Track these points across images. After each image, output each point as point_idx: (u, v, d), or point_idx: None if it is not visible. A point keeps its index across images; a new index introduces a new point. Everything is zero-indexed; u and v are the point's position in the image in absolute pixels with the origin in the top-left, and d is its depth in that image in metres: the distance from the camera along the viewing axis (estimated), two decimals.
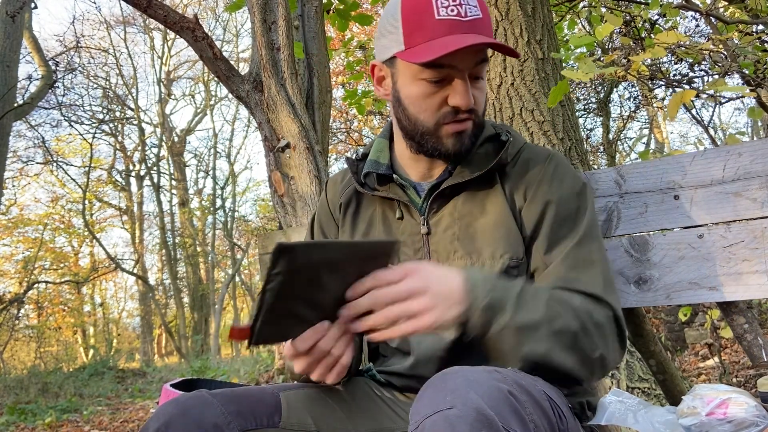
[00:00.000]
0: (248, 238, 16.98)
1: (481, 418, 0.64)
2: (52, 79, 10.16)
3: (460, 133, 0.99)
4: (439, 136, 0.99)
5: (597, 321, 0.91)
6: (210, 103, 18.50)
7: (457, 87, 0.95)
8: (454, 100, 0.96)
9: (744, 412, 0.88)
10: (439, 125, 0.99)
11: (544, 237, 0.99)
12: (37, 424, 5.55)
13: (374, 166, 1.09)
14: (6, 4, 8.23)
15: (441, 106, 0.97)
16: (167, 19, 2.23)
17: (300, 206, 2.16)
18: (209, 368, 8.34)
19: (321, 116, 2.49)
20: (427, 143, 1.01)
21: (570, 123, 2.24)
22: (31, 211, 17.13)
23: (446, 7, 0.93)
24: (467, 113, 0.97)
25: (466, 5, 0.93)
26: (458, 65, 0.94)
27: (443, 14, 0.93)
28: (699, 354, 4.31)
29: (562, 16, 3.94)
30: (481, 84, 1.00)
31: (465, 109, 0.96)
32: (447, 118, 0.98)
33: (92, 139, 16.06)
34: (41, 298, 16.93)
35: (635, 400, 1.03)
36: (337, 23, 3.50)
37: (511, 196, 1.03)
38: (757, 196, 1.13)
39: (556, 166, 1.04)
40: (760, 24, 2.51)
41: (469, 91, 0.95)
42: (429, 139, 1.00)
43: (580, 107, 7.43)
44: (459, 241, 1.02)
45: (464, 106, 0.96)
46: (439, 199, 1.05)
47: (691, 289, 1.18)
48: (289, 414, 0.94)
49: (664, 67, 2.79)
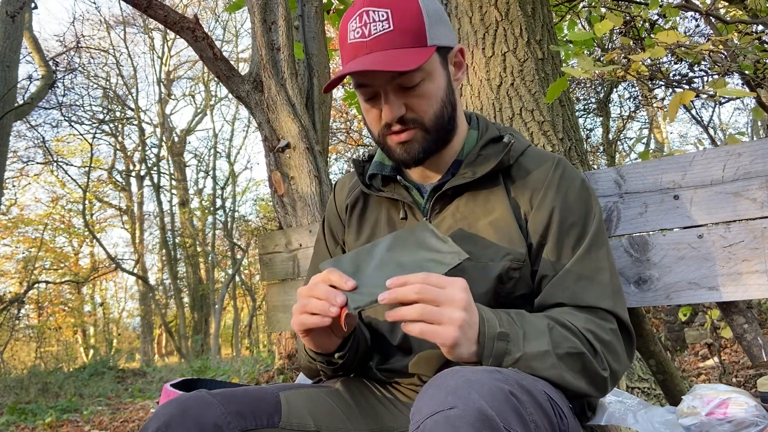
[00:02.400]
0: (248, 238, 16.96)
1: (482, 418, 0.64)
2: (52, 79, 10.15)
3: (403, 143, 1.00)
4: (389, 146, 1.02)
5: (603, 339, 0.92)
6: (210, 103, 18.51)
7: (383, 102, 0.98)
8: (383, 115, 0.98)
9: (744, 412, 0.89)
10: (382, 137, 1.02)
11: (552, 244, 0.99)
12: (37, 424, 5.54)
13: (379, 168, 1.11)
14: (6, 4, 8.22)
15: (378, 121, 1.00)
16: (167, 19, 2.23)
17: (300, 206, 2.16)
18: (209, 368, 8.34)
19: (321, 116, 2.49)
20: (386, 153, 1.05)
21: (570, 123, 2.24)
22: (32, 211, 17.16)
23: (354, 30, 0.96)
24: (401, 124, 0.98)
25: (371, 23, 0.94)
26: (373, 83, 0.97)
27: (351, 38, 0.96)
28: (699, 354, 4.31)
29: (562, 16, 3.94)
30: (420, 87, 0.97)
31: (390, 122, 0.98)
32: (385, 131, 1.01)
33: (92, 139, 16.06)
34: (41, 298, 16.94)
35: (635, 400, 1.03)
36: (337, 23, 3.50)
37: (515, 198, 1.03)
38: (757, 196, 1.13)
39: (563, 171, 1.04)
40: (760, 24, 2.51)
41: (391, 106, 0.96)
42: (385, 149, 1.04)
43: (580, 107, 7.43)
44: (461, 242, 1.02)
45: (388, 120, 0.98)
46: (442, 200, 1.05)
47: (690, 289, 1.18)
48: (289, 414, 0.94)
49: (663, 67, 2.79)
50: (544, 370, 0.84)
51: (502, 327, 0.84)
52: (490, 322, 0.83)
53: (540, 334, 0.87)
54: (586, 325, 0.92)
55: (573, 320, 0.92)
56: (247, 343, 16.49)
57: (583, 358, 0.88)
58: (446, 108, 1.01)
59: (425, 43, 0.95)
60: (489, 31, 2.28)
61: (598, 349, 0.90)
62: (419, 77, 0.96)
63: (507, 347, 0.83)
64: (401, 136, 0.99)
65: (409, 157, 1.01)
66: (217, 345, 16.30)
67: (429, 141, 1.00)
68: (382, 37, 0.93)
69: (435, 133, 1.01)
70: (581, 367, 0.88)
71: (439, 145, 1.03)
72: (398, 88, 0.96)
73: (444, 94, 1.00)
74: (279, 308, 1.87)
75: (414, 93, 0.97)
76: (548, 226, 1.00)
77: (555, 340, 0.87)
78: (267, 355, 8.23)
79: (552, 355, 0.85)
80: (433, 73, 0.98)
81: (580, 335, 0.90)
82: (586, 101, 7.48)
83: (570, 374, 0.87)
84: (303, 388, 1.02)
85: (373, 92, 0.98)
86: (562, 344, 0.87)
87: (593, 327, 0.92)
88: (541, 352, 0.85)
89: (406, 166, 1.04)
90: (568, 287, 0.96)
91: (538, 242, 1.00)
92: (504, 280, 0.98)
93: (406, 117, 0.98)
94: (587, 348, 0.89)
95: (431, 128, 1.00)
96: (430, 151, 1.02)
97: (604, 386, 0.92)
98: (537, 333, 0.87)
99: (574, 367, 0.87)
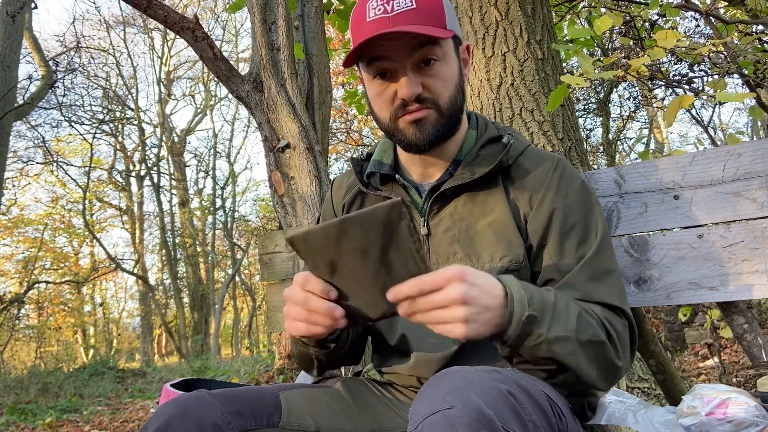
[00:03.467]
0: (248, 238, 16.97)
1: (481, 418, 0.64)
2: (52, 79, 10.15)
3: (417, 122, 0.99)
4: (400, 129, 1.01)
5: (618, 331, 0.93)
6: (210, 103, 18.51)
7: (400, 79, 0.98)
8: (400, 92, 0.98)
9: (744, 412, 0.88)
10: (395, 119, 1.00)
11: (554, 245, 0.99)
12: (37, 424, 5.54)
13: (377, 166, 1.10)
14: (6, 4, 8.23)
15: (393, 101, 0.99)
16: (167, 19, 2.23)
17: (300, 206, 2.16)
18: (209, 368, 8.34)
19: (321, 116, 2.49)
20: (395, 138, 1.03)
21: (570, 123, 2.24)
22: (32, 211, 17.16)
23: (375, 8, 0.96)
24: (418, 102, 0.98)
25: (394, 1, 0.95)
26: (393, 56, 0.97)
27: (372, 15, 0.96)
28: (699, 354, 4.31)
29: (562, 16, 3.94)
30: (436, 68, 0.98)
31: (408, 99, 0.97)
32: (399, 111, 1.00)
33: (92, 139, 16.07)
34: (41, 298, 16.94)
35: (635, 400, 1.03)
36: (337, 23, 3.50)
37: (514, 199, 1.03)
38: (757, 196, 1.13)
39: (562, 172, 1.04)
40: (759, 24, 2.51)
41: (410, 81, 0.96)
42: (395, 133, 1.02)
43: (580, 107, 7.44)
44: (459, 243, 1.02)
45: (406, 96, 0.97)
46: (440, 201, 1.05)
47: (691, 289, 1.18)
48: (289, 414, 0.94)
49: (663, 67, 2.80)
50: (563, 355, 0.84)
51: (532, 308, 0.82)
52: (519, 302, 0.81)
53: (568, 318, 0.86)
54: (603, 314, 0.92)
55: (593, 309, 0.92)
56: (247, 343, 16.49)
57: (602, 347, 0.88)
58: (459, 96, 1.02)
59: (444, 26, 0.97)
60: (489, 31, 2.28)
61: (614, 338, 0.91)
62: (438, 55, 0.97)
63: (532, 329, 0.82)
64: (416, 114, 0.99)
65: (422, 137, 1.00)
66: (217, 345, 16.30)
67: (442, 124, 1.00)
68: (406, 13, 0.95)
69: (448, 117, 1.01)
70: (597, 356, 0.88)
71: (448, 131, 1.02)
72: (416, 66, 0.97)
73: (458, 81, 1.01)
74: (279, 308, 1.87)
75: (431, 73, 0.98)
76: (548, 228, 1.00)
77: (580, 326, 0.86)
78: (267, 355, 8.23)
79: (573, 341, 0.85)
80: (449, 56, 0.99)
81: (601, 323, 0.90)
82: (586, 101, 7.49)
83: (586, 362, 0.86)
84: (303, 388, 1.02)
85: (389, 68, 0.98)
86: (586, 331, 0.87)
87: (609, 316, 0.93)
88: (564, 336, 0.84)
89: (418, 148, 1.02)
90: (578, 288, 0.96)
91: (539, 243, 1.00)
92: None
93: (422, 96, 0.98)
94: (606, 337, 0.89)
95: (445, 111, 1.00)
96: (441, 135, 1.01)
97: (614, 377, 0.92)
98: (565, 317, 0.86)
99: (591, 355, 0.87)
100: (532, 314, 0.82)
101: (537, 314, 0.82)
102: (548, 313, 0.84)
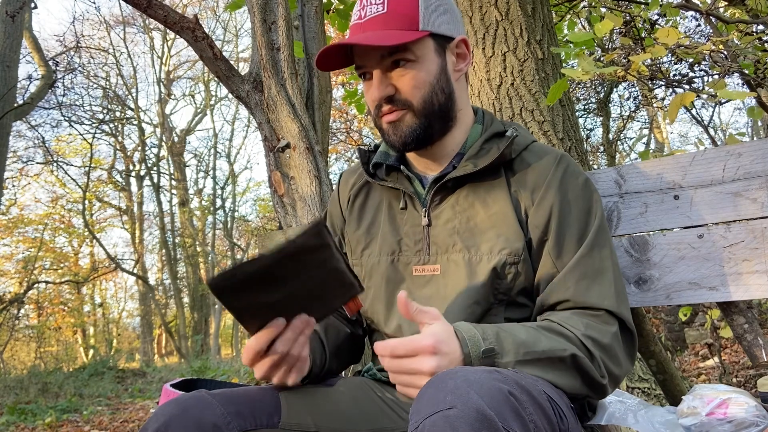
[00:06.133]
0: (248, 238, 16.98)
1: (481, 419, 0.64)
2: (52, 79, 10.15)
3: (392, 123, 1.02)
4: (383, 129, 1.05)
5: (603, 345, 0.92)
6: (210, 103, 18.51)
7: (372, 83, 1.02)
8: (372, 94, 1.02)
9: (744, 412, 0.88)
10: (377, 119, 1.05)
11: (553, 241, 0.99)
12: (37, 424, 5.54)
13: (383, 157, 1.12)
14: (6, 4, 8.22)
15: (373, 102, 1.03)
16: (167, 19, 2.23)
17: (300, 206, 2.15)
18: (209, 368, 8.34)
19: (321, 116, 2.49)
20: (381, 136, 1.07)
21: (570, 123, 2.24)
22: (31, 211, 17.16)
23: (355, 13, 1.02)
24: (391, 104, 1.01)
25: (368, 6, 1.00)
26: (364, 63, 1.01)
27: (353, 20, 1.02)
28: (699, 354, 4.32)
29: (562, 16, 3.94)
30: (409, 72, 0.99)
31: (376, 101, 1.01)
32: (376, 113, 1.04)
33: (92, 139, 16.09)
34: (41, 298, 16.94)
35: (635, 400, 1.03)
36: (337, 23, 3.50)
37: (516, 193, 1.03)
38: (757, 196, 1.13)
39: (566, 168, 1.04)
40: (760, 24, 2.51)
41: (378, 85, 1.00)
42: (380, 132, 1.06)
43: (580, 107, 7.43)
44: (458, 234, 1.02)
45: (374, 98, 1.01)
46: (442, 192, 1.05)
47: (691, 289, 1.18)
48: (288, 414, 0.94)
49: (664, 67, 2.80)
50: (540, 375, 0.84)
51: (487, 342, 0.83)
52: (472, 341, 0.82)
53: (536, 342, 0.86)
54: (586, 332, 0.91)
55: (572, 326, 0.91)
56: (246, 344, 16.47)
57: (577, 361, 0.88)
58: (437, 95, 1.02)
59: (417, 27, 0.98)
60: (489, 31, 2.28)
61: (597, 356, 0.90)
62: (410, 57, 0.99)
63: (494, 361, 0.83)
64: (389, 117, 1.02)
65: (396, 138, 1.02)
66: (216, 345, 16.31)
67: (418, 125, 1.01)
68: (375, 18, 0.98)
69: (424, 118, 1.01)
70: (575, 372, 0.88)
71: (430, 132, 1.03)
72: (386, 69, 1.00)
73: (435, 81, 1.01)
74: None
75: (402, 75, 1.00)
76: (548, 223, 1.00)
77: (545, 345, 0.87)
78: None
79: (545, 362, 0.85)
80: (424, 58, 1.00)
81: (577, 341, 0.90)
82: (586, 101, 7.48)
83: (566, 379, 0.87)
84: (303, 388, 1.02)
85: (367, 71, 1.02)
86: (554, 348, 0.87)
87: (593, 333, 0.92)
88: (532, 360, 0.85)
89: (396, 149, 1.05)
90: (569, 287, 0.96)
91: (539, 238, 1.00)
92: (501, 275, 0.98)
93: (395, 98, 1.01)
94: (584, 353, 0.89)
95: (419, 113, 1.01)
96: (418, 136, 1.02)
97: (603, 391, 0.92)
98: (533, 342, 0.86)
99: (569, 374, 0.88)
100: (489, 348, 0.83)
101: (494, 346, 0.83)
102: (505, 342, 0.84)
